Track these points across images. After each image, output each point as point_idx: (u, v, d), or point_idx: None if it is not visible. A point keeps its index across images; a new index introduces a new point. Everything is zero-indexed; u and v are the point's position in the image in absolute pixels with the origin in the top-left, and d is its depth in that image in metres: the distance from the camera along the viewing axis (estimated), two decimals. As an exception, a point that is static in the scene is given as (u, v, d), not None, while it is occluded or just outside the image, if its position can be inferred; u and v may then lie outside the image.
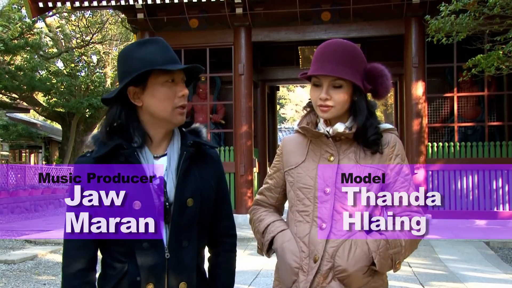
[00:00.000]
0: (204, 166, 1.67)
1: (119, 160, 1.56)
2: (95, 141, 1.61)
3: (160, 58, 1.56)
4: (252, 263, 6.36)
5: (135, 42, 1.63)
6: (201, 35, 10.81)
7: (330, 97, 1.75)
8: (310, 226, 1.77)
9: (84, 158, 1.61)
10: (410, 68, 10.13)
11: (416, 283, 5.58)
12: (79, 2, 10.04)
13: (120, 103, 1.60)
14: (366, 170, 1.75)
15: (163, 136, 1.63)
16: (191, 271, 1.60)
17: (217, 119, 11.91)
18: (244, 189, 10.55)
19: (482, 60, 7.45)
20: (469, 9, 7.28)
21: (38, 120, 26.25)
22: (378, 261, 1.69)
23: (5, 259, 7.29)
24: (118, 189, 1.52)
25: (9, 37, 15.44)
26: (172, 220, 1.56)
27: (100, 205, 1.53)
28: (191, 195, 1.60)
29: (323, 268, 1.72)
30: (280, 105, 37.25)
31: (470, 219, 9.93)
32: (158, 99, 1.57)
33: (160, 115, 1.59)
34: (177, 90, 1.59)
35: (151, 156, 1.60)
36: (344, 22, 10.44)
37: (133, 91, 1.58)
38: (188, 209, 1.59)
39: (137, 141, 1.58)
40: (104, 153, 1.55)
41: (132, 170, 1.54)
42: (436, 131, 11.30)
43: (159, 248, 1.55)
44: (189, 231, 1.60)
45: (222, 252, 1.78)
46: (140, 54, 1.57)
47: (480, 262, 6.70)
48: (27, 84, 17.56)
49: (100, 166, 1.56)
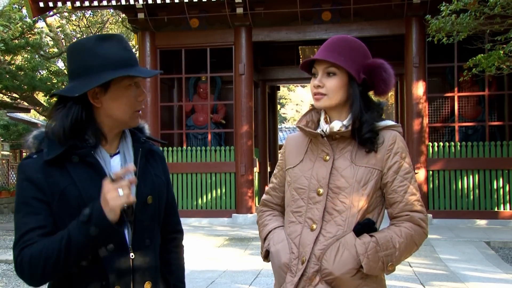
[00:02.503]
0: (153, 162, 1.66)
1: (73, 160, 1.48)
2: (40, 142, 1.51)
3: (124, 59, 1.51)
4: (252, 263, 6.35)
5: (93, 36, 1.54)
6: (202, 35, 10.81)
7: (323, 84, 1.74)
8: (302, 227, 1.75)
9: (30, 160, 1.50)
10: (410, 68, 10.13)
11: (417, 283, 5.57)
12: (79, 2, 10.03)
13: (81, 102, 1.49)
14: (361, 170, 1.72)
15: (115, 135, 1.59)
16: (155, 269, 1.58)
17: (217, 119, 11.91)
18: (244, 189, 10.55)
19: (482, 59, 7.45)
20: (470, 9, 7.27)
21: (38, 120, 26.22)
22: (366, 264, 1.65)
23: (6, 258, 7.31)
24: (77, 189, 1.46)
25: (10, 37, 15.43)
26: (134, 219, 1.53)
27: (59, 209, 1.46)
28: (150, 193, 1.57)
29: (310, 271, 1.70)
30: (281, 105, 37.26)
31: (471, 219, 9.92)
32: (119, 103, 1.52)
33: (120, 118, 1.54)
34: (138, 94, 1.55)
35: (107, 155, 1.55)
36: (344, 22, 10.43)
37: (93, 92, 1.49)
38: (148, 206, 1.57)
39: (91, 141, 1.51)
40: (58, 154, 1.45)
41: (89, 169, 1.49)
42: (437, 131, 11.29)
43: (123, 249, 1.50)
44: (150, 229, 1.58)
45: (173, 248, 1.76)
46: (103, 51, 1.48)
47: (481, 262, 6.70)
48: (27, 84, 17.56)
49: (52, 167, 1.47)
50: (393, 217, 1.76)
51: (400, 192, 1.72)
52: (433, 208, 10.11)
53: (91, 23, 21.14)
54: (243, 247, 7.66)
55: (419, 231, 1.72)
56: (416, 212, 1.73)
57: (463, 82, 10.00)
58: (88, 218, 1.37)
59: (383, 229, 1.74)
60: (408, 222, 1.72)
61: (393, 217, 1.76)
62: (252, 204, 10.58)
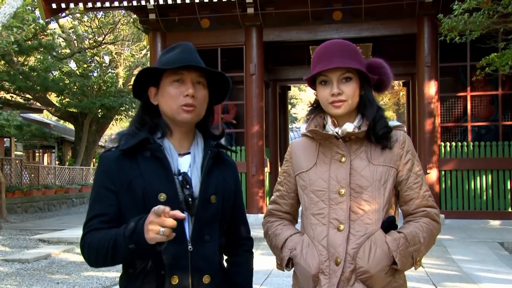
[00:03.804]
0: (224, 168, 1.74)
1: (144, 155, 1.61)
2: (121, 137, 1.66)
3: (174, 60, 1.61)
4: (263, 263, 6.35)
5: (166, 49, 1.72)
6: (213, 35, 10.83)
7: (342, 91, 1.74)
8: (327, 228, 1.75)
9: (109, 152, 1.66)
10: (422, 67, 10.06)
11: (429, 283, 5.54)
12: (91, 3, 10.10)
13: (145, 102, 1.69)
14: (379, 169, 1.75)
15: (183, 134, 1.69)
16: (214, 265, 1.63)
17: (228, 119, 11.92)
18: (255, 189, 10.55)
19: (496, 58, 7.39)
20: (483, 8, 7.21)
21: (51, 120, 26.48)
22: (399, 260, 1.68)
23: (19, 258, 7.38)
24: (143, 181, 1.57)
25: (23, 38, 15.57)
26: (196, 214, 1.60)
27: (126, 198, 1.58)
28: (215, 192, 1.65)
29: (346, 270, 1.70)
30: (292, 105, 37.20)
31: (484, 220, 9.83)
32: (165, 98, 1.64)
33: (168, 113, 1.65)
34: (183, 90, 1.62)
35: (175, 152, 1.65)
36: (355, 22, 10.39)
37: (152, 92, 1.68)
38: (211, 205, 1.63)
39: (159, 133, 1.65)
40: (132, 145, 1.59)
41: (158, 164, 1.60)
42: (449, 131, 11.20)
43: (182, 241, 1.57)
44: (211, 226, 1.64)
45: (242, 252, 1.83)
46: (162, 59, 1.65)
47: (494, 263, 6.63)
48: (40, 84, 17.73)
49: (126, 159, 1.61)
50: (409, 213, 1.80)
51: (415, 188, 1.77)
52: (446, 209, 10.03)
53: (103, 24, 21.27)
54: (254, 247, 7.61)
55: (436, 226, 1.78)
56: (431, 208, 1.78)
57: (476, 82, 9.91)
58: (131, 233, 1.43)
59: (406, 225, 1.77)
60: (426, 217, 1.77)
61: (410, 213, 1.80)
62: (263, 204, 10.58)
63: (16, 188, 15.26)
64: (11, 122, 12.83)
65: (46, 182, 17.88)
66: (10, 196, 14.32)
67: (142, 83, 1.69)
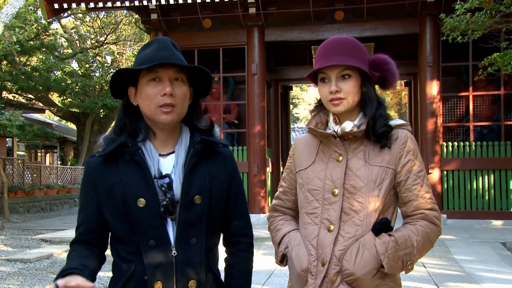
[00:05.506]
0: (214, 163, 1.65)
1: (125, 158, 1.57)
2: (105, 141, 1.62)
3: (149, 58, 1.54)
4: (265, 263, 6.35)
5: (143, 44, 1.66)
6: (215, 35, 10.83)
7: (340, 89, 1.72)
8: (319, 228, 1.73)
9: (92, 158, 1.64)
10: (424, 67, 10.05)
11: (431, 283, 5.53)
12: (93, 3, 10.12)
13: (126, 103, 1.64)
14: (375, 170, 1.71)
15: (167, 133, 1.62)
16: (200, 269, 1.56)
17: (230, 119, 11.92)
18: (257, 189, 10.55)
19: (498, 58, 7.37)
20: (485, 7, 7.19)
21: (53, 120, 26.49)
22: (387, 263, 1.64)
23: (22, 257, 7.39)
24: (123, 186, 1.53)
25: (25, 38, 15.61)
26: (178, 217, 1.53)
27: (108, 204, 1.56)
28: (199, 192, 1.57)
29: (331, 272, 1.68)
30: (293, 104, 37.20)
31: (486, 220, 9.81)
32: (142, 99, 1.58)
33: (147, 114, 1.59)
34: (160, 89, 1.55)
35: (156, 153, 1.59)
36: (357, 21, 10.39)
37: (131, 92, 1.62)
38: (195, 206, 1.56)
39: (141, 136, 1.60)
40: (109, 151, 1.56)
41: (137, 168, 1.55)
42: (451, 131, 11.18)
43: (165, 246, 1.52)
44: (197, 228, 1.57)
45: (237, 251, 1.73)
46: (139, 56, 1.59)
47: (497, 263, 6.62)
48: (42, 84, 17.74)
49: (107, 164, 1.58)
50: (407, 215, 1.75)
51: (414, 190, 1.72)
52: (448, 209, 10.02)
53: (105, 24, 21.30)
54: (256, 247, 7.61)
55: (434, 229, 1.72)
56: (430, 210, 1.72)
57: (478, 81, 9.89)
58: None
59: (400, 228, 1.73)
60: (423, 220, 1.72)
61: (408, 215, 1.75)
62: (265, 204, 10.57)
63: (18, 188, 15.28)
64: (13, 122, 12.86)
65: (48, 182, 17.89)
66: (12, 196, 14.35)
67: (121, 83, 1.62)
